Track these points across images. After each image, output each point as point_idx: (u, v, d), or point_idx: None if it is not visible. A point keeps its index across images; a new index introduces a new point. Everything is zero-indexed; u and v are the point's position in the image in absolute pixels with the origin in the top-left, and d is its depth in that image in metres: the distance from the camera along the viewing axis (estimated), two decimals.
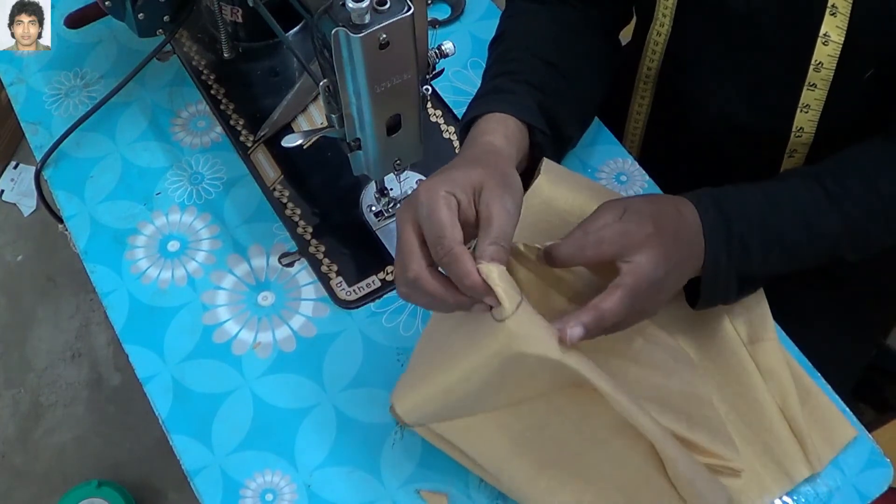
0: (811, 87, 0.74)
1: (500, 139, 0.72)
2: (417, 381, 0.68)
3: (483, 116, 0.74)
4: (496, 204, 0.62)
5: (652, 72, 0.89)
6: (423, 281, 0.61)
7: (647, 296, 0.63)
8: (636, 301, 0.62)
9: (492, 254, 0.60)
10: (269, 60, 0.97)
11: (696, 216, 0.67)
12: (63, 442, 1.62)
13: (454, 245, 0.60)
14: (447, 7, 1.01)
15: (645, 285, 0.62)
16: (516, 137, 0.73)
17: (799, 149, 0.79)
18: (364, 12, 0.60)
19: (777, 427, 0.73)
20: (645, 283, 0.62)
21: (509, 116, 0.74)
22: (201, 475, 0.74)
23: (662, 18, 0.83)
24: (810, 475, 0.72)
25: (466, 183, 0.62)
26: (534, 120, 0.75)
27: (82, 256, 0.86)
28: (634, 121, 0.96)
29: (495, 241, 0.60)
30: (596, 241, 0.63)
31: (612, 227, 0.64)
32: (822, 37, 0.71)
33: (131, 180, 0.90)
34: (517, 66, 0.79)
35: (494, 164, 0.66)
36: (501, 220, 0.61)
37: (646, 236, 0.63)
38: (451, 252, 0.59)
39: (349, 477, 0.74)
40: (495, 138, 0.72)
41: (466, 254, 0.60)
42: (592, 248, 0.63)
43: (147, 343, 0.80)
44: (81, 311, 1.75)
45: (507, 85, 0.77)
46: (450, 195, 0.61)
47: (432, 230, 0.61)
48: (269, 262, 0.85)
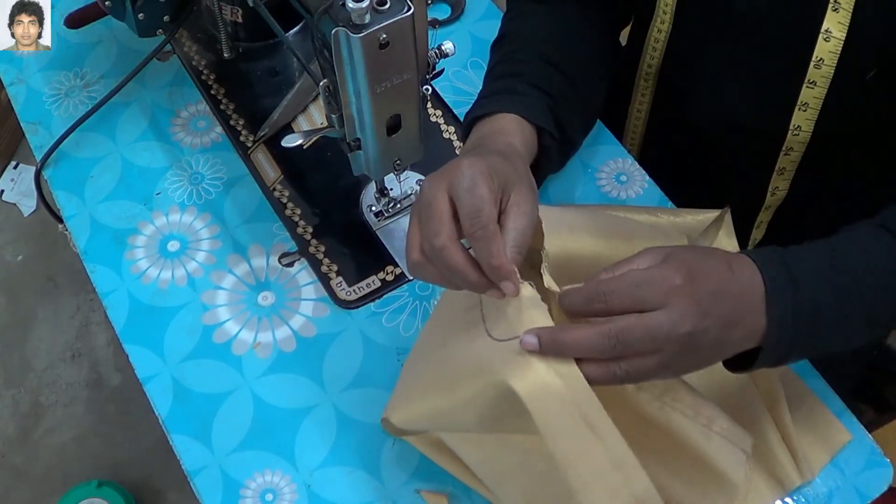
0: (811, 84, 0.74)
1: (519, 143, 0.71)
2: (413, 394, 0.67)
3: (494, 115, 0.74)
4: (524, 209, 0.61)
5: (652, 69, 0.89)
6: (449, 252, 0.59)
7: (675, 354, 0.56)
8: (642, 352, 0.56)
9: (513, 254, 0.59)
10: (269, 60, 0.97)
11: (754, 271, 0.59)
12: (63, 442, 1.62)
13: (490, 222, 0.59)
14: (447, 7, 1.01)
15: (663, 340, 0.55)
16: (530, 142, 0.73)
17: (795, 147, 0.79)
18: (364, 12, 0.60)
19: (768, 435, 0.72)
20: (662, 337, 0.55)
21: (522, 119, 0.73)
22: (201, 475, 0.74)
23: (663, 15, 0.83)
24: (802, 484, 0.72)
25: (501, 173, 0.62)
26: (545, 123, 0.74)
27: (82, 256, 0.86)
28: (635, 119, 0.96)
29: (516, 247, 0.60)
30: (606, 292, 0.57)
31: (626, 277, 0.57)
32: (824, 33, 0.70)
33: (131, 180, 0.90)
34: (524, 67, 0.78)
35: (519, 167, 0.66)
36: (525, 226, 0.60)
37: (670, 287, 0.56)
38: (487, 228, 0.58)
39: (349, 477, 0.74)
40: (515, 140, 0.71)
41: (500, 234, 0.59)
42: (600, 301, 0.57)
43: (147, 343, 0.80)
44: (81, 311, 1.75)
45: (518, 87, 0.76)
46: (493, 178, 0.61)
47: (472, 203, 0.59)
48: (269, 262, 0.85)
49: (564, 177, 0.88)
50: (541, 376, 0.57)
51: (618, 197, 0.88)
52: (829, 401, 0.76)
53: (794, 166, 0.82)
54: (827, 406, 0.76)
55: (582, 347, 0.56)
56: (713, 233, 0.79)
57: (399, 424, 0.68)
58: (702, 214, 0.80)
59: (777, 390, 0.73)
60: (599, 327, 0.55)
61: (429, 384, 0.66)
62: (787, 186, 0.84)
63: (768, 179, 0.84)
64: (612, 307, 0.56)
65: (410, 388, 0.68)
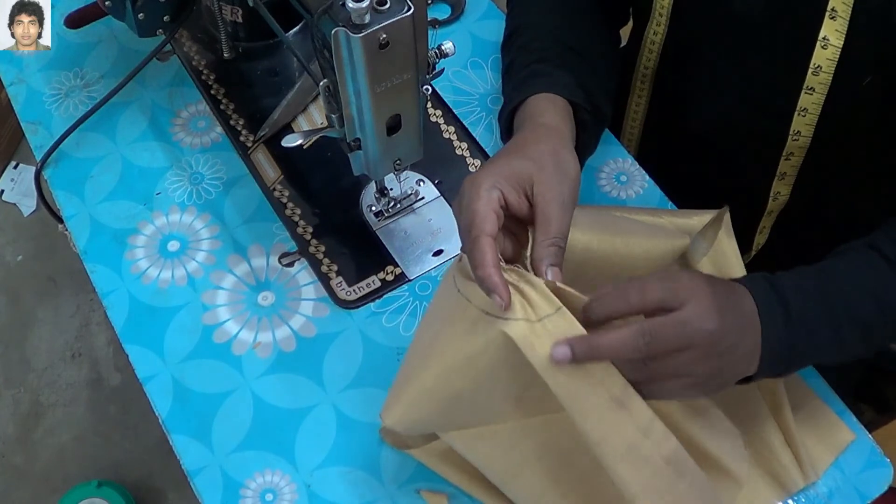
0: (809, 90, 0.74)
1: (554, 118, 0.70)
2: (411, 389, 0.67)
3: (526, 101, 0.73)
4: (551, 197, 0.61)
5: (649, 71, 0.89)
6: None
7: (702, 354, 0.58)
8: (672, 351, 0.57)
9: (551, 256, 0.59)
10: (269, 60, 0.97)
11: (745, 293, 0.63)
12: (63, 442, 1.62)
13: (480, 234, 0.59)
14: (447, 7, 1.01)
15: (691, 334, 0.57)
16: (567, 114, 0.72)
17: (796, 152, 0.79)
18: (364, 12, 0.60)
19: (770, 436, 0.72)
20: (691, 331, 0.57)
21: (556, 96, 0.73)
22: (201, 475, 0.74)
23: (659, 18, 0.83)
24: (806, 485, 0.72)
25: (512, 175, 0.62)
26: (577, 97, 0.74)
27: (82, 256, 0.86)
28: (632, 119, 0.96)
29: (554, 241, 0.60)
30: (640, 286, 0.58)
31: (657, 274, 0.60)
32: (822, 40, 0.70)
33: (131, 180, 0.90)
34: (544, 53, 0.78)
35: (548, 149, 0.65)
36: (557, 215, 0.60)
37: (696, 284, 0.58)
38: (475, 239, 0.59)
39: (349, 477, 0.74)
40: (548, 118, 0.70)
41: (490, 246, 0.59)
42: (636, 292, 0.58)
43: (147, 343, 0.80)
44: (81, 311, 1.76)
45: (544, 69, 0.76)
46: (492, 189, 0.61)
47: (464, 219, 0.61)
48: (269, 262, 0.85)
49: None
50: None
51: (618, 197, 0.88)
52: (829, 401, 0.76)
53: (795, 171, 0.81)
54: (828, 406, 0.76)
55: (616, 348, 0.57)
56: (713, 232, 0.79)
57: (398, 426, 0.67)
58: (702, 215, 0.80)
59: (780, 392, 0.73)
60: (631, 326, 0.57)
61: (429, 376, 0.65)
62: (788, 192, 0.84)
63: (769, 184, 0.84)
64: (647, 301, 0.58)
65: (408, 386, 0.67)
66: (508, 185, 0.61)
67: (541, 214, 0.61)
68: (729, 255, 0.78)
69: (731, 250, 0.78)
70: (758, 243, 0.91)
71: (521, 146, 0.66)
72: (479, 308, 0.61)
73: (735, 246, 0.79)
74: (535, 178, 0.62)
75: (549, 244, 0.60)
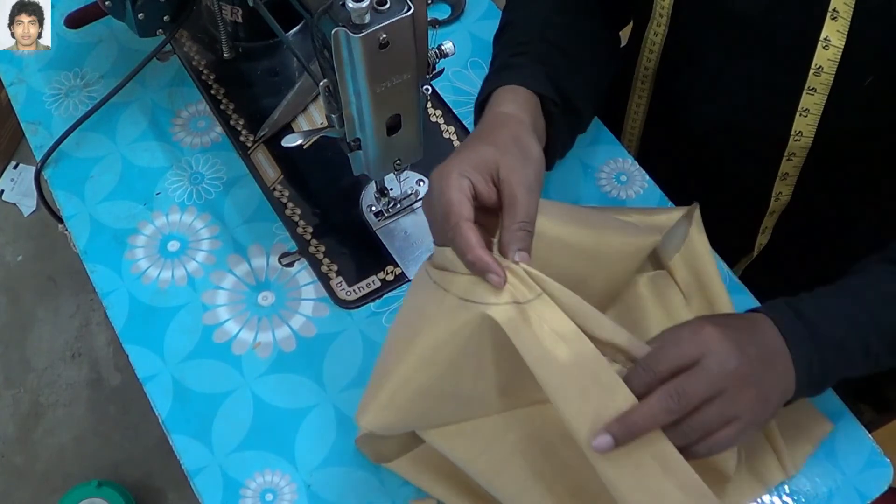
0: (811, 91, 0.73)
1: (511, 107, 0.71)
2: (375, 389, 0.66)
3: (494, 92, 0.74)
4: (516, 181, 0.61)
5: (649, 72, 0.89)
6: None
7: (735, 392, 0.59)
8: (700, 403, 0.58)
9: (519, 241, 0.60)
10: (269, 60, 0.97)
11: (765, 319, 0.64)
12: (63, 442, 1.62)
13: (459, 220, 0.59)
14: (447, 7, 1.01)
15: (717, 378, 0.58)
16: (529, 104, 0.72)
17: (798, 152, 0.79)
18: (364, 12, 0.60)
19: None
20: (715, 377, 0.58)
21: (519, 87, 0.73)
22: (201, 475, 0.74)
23: (659, 18, 0.83)
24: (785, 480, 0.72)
25: (480, 163, 0.62)
26: (544, 89, 0.74)
27: (82, 256, 0.86)
28: (632, 120, 0.96)
29: (521, 224, 0.60)
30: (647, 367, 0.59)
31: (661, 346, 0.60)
32: (823, 41, 0.70)
33: (131, 180, 0.90)
34: (524, 48, 0.78)
35: (509, 134, 0.65)
36: (524, 198, 0.61)
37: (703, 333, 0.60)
38: (456, 226, 0.59)
39: (349, 477, 0.74)
40: (507, 107, 0.71)
41: (472, 230, 0.59)
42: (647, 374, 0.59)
43: (147, 343, 0.80)
44: (81, 311, 1.76)
45: (516, 61, 0.76)
46: (462, 177, 0.61)
47: (441, 210, 0.61)
48: (269, 262, 0.85)
49: (564, 177, 0.88)
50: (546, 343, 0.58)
51: (618, 197, 0.88)
52: (829, 401, 0.76)
53: (797, 172, 0.81)
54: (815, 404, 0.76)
55: (651, 415, 0.57)
56: (683, 228, 0.79)
57: (376, 427, 0.66)
58: (670, 212, 0.81)
59: None
60: (658, 391, 0.57)
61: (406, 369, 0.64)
62: (790, 192, 0.84)
63: (771, 185, 0.84)
64: (661, 372, 0.58)
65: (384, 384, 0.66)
66: (476, 173, 0.62)
67: (507, 198, 0.61)
68: (700, 251, 0.79)
69: (702, 246, 0.79)
70: (760, 243, 0.91)
71: (484, 134, 0.67)
72: (458, 296, 0.60)
73: (706, 241, 0.79)
74: (500, 162, 0.62)
75: (517, 228, 0.60)
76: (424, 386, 0.64)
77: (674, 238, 0.79)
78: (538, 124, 0.73)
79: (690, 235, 0.79)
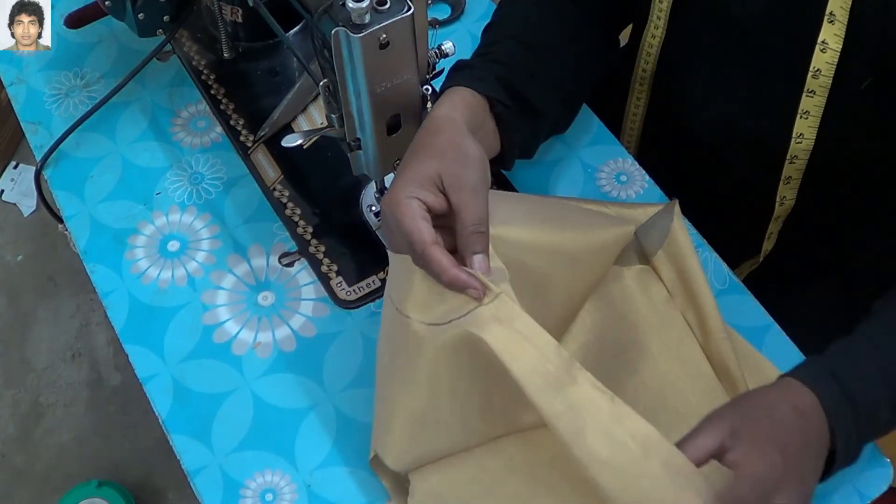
0: (810, 93, 0.73)
1: (445, 109, 0.70)
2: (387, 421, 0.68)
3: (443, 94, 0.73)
4: (459, 185, 0.61)
5: (647, 74, 0.89)
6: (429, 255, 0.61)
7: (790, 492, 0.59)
8: None
9: (474, 244, 0.60)
10: (269, 60, 0.97)
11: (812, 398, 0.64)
12: (63, 442, 1.62)
13: (425, 247, 0.60)
14: (447, 7, 1.01)
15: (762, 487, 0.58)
16: (466, 105, 0.71)
17: (800, 155, 0.78)
18: (364, 12, 0.60)
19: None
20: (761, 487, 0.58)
21: (463, 89, 0.72)
22: (201, 475, 0.74)
23: (657, 21, 0.83)
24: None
25: (423, 179, 0.62)
26: (490, 91, 0.73)
27: (82, 256, 0.86)
28: (631, 121, 0.96)
29: (473, 227, 0.61)
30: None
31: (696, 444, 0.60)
32: (820, 44, 0.70)
33: (131, 180, 0.90)
34: (491, 47, 0.78)
35: (445, 139, 0.65)
36: (470, 202, 0.61)
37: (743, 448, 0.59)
38: (424, 253, 0.60)
39: (349, 477, 0.74)
40: (441, 110, 0.70)
41: (439, 252, 0.60)
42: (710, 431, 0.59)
43: (147, 343, 0.80)
44: (81, 311, 1.75)
45: (472, 62, 0.76)
46: (411, 200, 0.61)
47: (402, 238, 0.61)
48: (269, 262, 0.85)
49: (564, 177, 0.88)
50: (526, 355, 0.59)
51: (618, 197, 0.88)
52: None
53: (800, 175, 0.81)
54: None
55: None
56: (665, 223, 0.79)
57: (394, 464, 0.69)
58: (646, 207, 0.82)
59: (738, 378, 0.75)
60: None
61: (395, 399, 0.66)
62: (794, 196, 0.83)
63: (775, 189, 0.83)
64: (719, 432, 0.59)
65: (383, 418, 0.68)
66: (422, 190, 0.62)
67: (455, 205, 0.61)
68: (683, 246, 0.79)
69: (685, 242, 0.79)
70: (766, 249, 0.90)
71: (421, 145, 0.66)
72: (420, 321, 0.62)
73: (688, 237, 0.79)
74: (440, 171, 0.62)
75: (469, 233, 0.61)
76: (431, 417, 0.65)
77: (656, 233, 0.80)
78: (481, 125, 0.72)
79: (673, 230, 0.79)
